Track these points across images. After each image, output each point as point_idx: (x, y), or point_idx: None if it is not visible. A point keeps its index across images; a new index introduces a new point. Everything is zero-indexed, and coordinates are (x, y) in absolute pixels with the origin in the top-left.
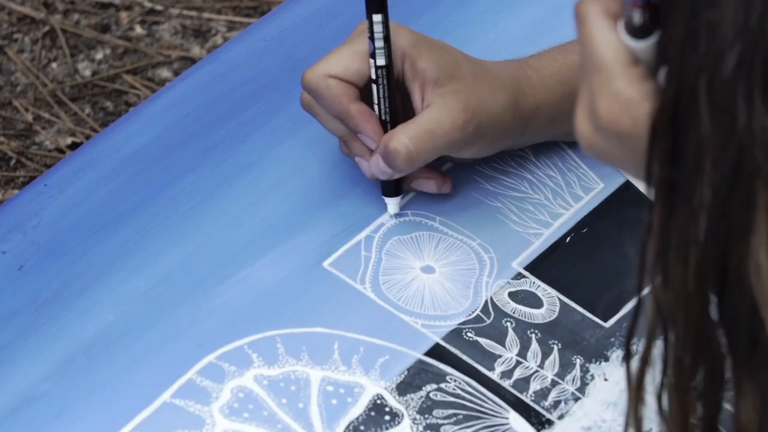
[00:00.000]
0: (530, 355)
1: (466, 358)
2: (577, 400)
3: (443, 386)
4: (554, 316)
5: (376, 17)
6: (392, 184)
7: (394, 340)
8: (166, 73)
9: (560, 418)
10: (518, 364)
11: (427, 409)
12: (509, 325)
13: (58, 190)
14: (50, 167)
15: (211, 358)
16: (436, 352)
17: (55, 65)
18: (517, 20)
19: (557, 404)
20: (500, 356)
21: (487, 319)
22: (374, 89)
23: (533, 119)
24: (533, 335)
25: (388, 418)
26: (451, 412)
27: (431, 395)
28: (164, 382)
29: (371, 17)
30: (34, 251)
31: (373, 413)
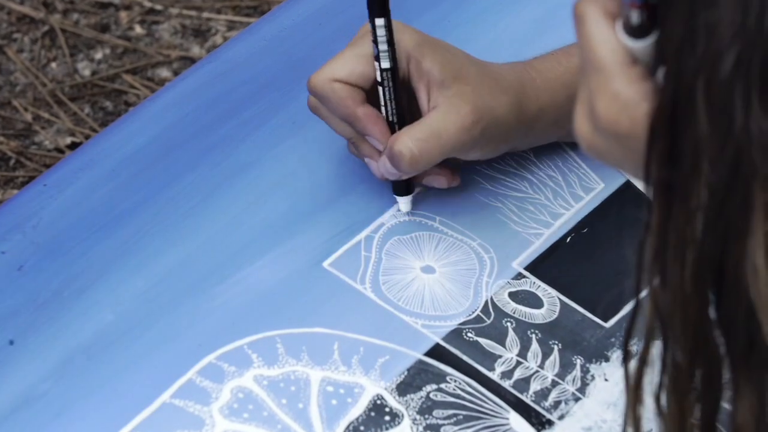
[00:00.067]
0: (530, 355)
1: (466, 358)
2: (577, 400)
3: (443, 386)
4: (554, 316)
5: (378, 21)
6: (403, 183)
7: (394, 340)
8: (165, 72)
9: (560, 418)
10: (518, 364)
11: (427, 409)
12: (509, 325)
13: (57, 190)
14: (50, 167)
15: (210, 358)
16: (436, 352)
17: (54, 65)
18: (517, 20)
19: (557, 404)
20: (500, 356)
21: (487, 319)
22: (380, 91)
23: (537, 121)
24: (533, 335)
25: (388, 418)
26: (451, 412)
27: (431, 395)
28: (164, 382)
29: (374, 21)
30: (33, 251)
31: (373, 413)
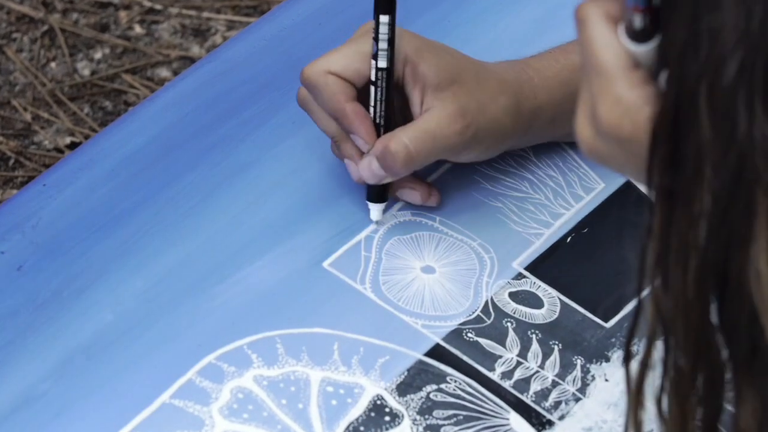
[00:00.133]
0: (531, 355)
1: (466, 358)
2: (577, 400)
3: (443, 387)
4: (555, 316)
5: (383, 18)
6: (378, 189)
7: (394, 340)
8: (165, 72)
9: (561, 418)
10: (519, 364)
11: (427, 409)
12: (510, 325)
13: (56, 189)
14: (49, 167)
15: (210, 358)
16: (436, 352)
17: (53, 65)
18: (517, 20)
19: (558, 405)
20: (501, 357)
21: (487, 319)
22: (372, 91)
23: (535, 120)
24: (534, 336)
25: (388, 418)
26: (451, 412)
27: (431, 396)
28: (163, 382)
29: (378, 18)
30: (32, 251)
31: (373, 414)
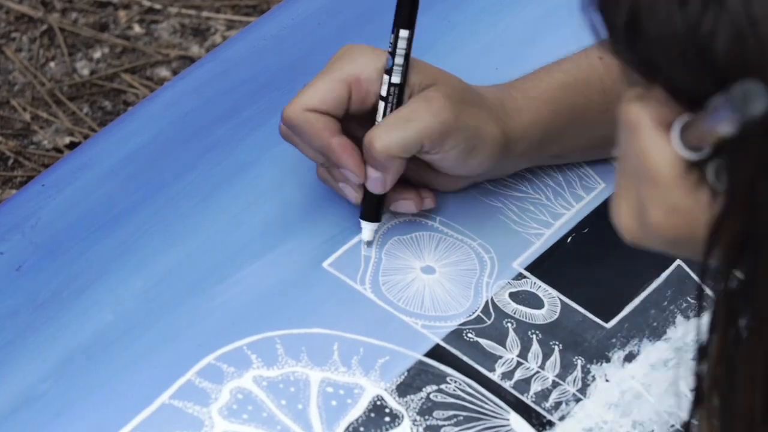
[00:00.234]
0: (531, 356)
1: (466, 359)
2: (578, 401)
3: (444, 387)
4: (555, 316)
5: (402, 32)
6: (373, 207)
7: (394, 340)
8: (164, 72)
9: (561, 419)
10: (519, 365)
11: (427, 410)
12: (510, 325)
13: (56, 189)
14: (48, 167)
15: (210, 359)
16: (436, 353)
17: (53, 64)
18: (517, 20)
19: (558, 405)
20: (501, 357)
21: (487, 319)
22: (381, 106)
23: (522, 141)
24: (534, 336)
25: (388, 419)
26: (451, 413)
27: (431, 396)
28: (163, 382)
29: (398, 32)
30: (32, 251)
31: (373, 414)
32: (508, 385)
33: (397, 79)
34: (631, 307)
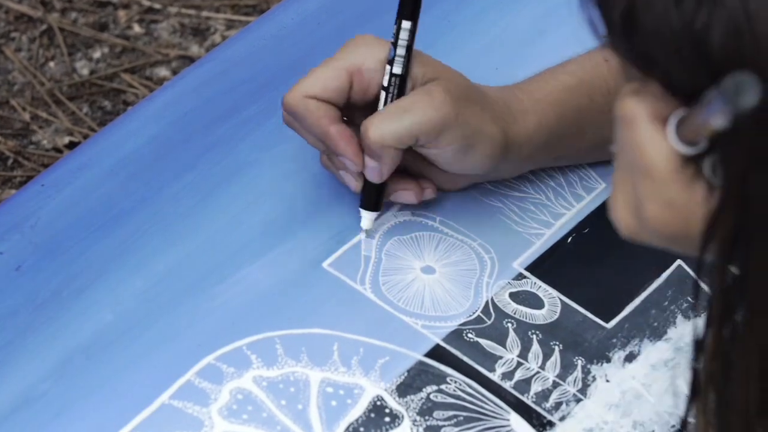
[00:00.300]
0: (531, 356)
1: (466, 359)
2: (578, 401)
3: (444, 387)
4: (555, 316)
5: (405, 24)
6: (372, 196)
7: (394, 341)
8: (164, 72)
9: (561, 419)
10: (519, 365)
11: (427, 410)
12: (510, 326)
13: (55, 189)
14: (48, 167)
15: (209, 359)
16: (436, 353)
17: (52, 64)
18: (517, 20)
19: (558, 406)
20: (501, 357)
21: (487, 319)
22: (382, 96)
23: (527, 144)
24: (534, 336)
25: (388, 419)
26: (451, 413)
27: (431, 396)
28: (163, 383)
29: (401, 23)
30: (31, 251)
31: (373, 415)
32: (508, 385)
33: (398, 69)
34: (631, 307)
